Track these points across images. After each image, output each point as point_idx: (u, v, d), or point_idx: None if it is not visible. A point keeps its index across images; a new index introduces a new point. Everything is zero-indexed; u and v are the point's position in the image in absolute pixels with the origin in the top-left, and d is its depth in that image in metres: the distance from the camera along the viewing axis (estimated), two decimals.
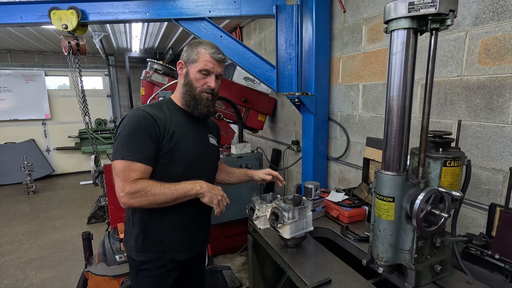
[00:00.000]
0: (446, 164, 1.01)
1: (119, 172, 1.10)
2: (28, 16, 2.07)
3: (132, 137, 1.11)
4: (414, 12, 0.85)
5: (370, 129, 2.01)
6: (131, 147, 1.10)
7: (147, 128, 1.13)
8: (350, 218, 1.55)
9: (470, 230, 1.41)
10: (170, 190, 1.11)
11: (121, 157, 1.10)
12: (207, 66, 1.21)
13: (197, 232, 1.35)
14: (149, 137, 1.13)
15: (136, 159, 1.10)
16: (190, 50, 1.23)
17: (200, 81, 1.22)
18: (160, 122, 1.17)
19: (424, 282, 1.03)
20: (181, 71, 1.26)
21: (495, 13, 1.25)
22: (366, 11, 1.93)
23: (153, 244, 1.24)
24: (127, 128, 1.13)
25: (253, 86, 3.20)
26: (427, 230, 0.95)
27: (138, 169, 1.11)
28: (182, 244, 1.29)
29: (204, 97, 1.24)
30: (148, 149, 1.13)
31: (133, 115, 1.15)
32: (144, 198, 1.09)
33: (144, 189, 1.08)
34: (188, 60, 1.23)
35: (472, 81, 1.36)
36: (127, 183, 1.08)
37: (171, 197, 1.12)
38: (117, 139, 1.14)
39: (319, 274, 1.12)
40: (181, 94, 1.27)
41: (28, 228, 3.85)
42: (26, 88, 5.98)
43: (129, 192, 1.08)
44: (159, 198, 1.11)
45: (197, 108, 1.25)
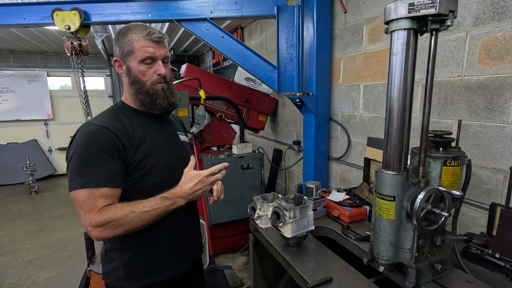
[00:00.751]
0: (446, 163, 1.02)
1: (81, 203, 0.93)
2: (31, 17, 2.09)
3: (88, 160, 0.94)
4: (414, 12, 0.86)
5: (371, 129, 2.01)
6: (90, 171, 0.93)
7: (104, 144, 0.95)
8: (351, 218, 1.55)
9: (471, 229, 1.42)
10: (147, 212, 0.96)
11: (80, 186, 0.93)
12: (147, 52, 1.02)
13: (190, 237, 1.23)
14: (109, 155, 0.95)
15: (100, 184, 0.93)
16: (121, 41, 1.04)
17: (146, 72, 1.04)
18: (121, 133, 1.00)
19: (425, 281, 1.03)
20: (121, 70, 1.08)
21: (496, 14, 1.26)
22: (367, 11, 1.94)
23: (148, 266, 1.09)
24: (81, 149, 0.95)
25: (254, 87, 3.21)
26: (428, 229, 0.96)
27: (104, 194, 0.94)
28: (180, 255, 1.17)
29: (159, 89, 1.07)
30: (111, 169, 0.96)
31: (85, 133, 0.97)
32: (119, 228, 0.94)
33: (115, 218, 0.93)
34: (123, 54, 1.04)
35: (473, 81, 1.36)
36: (93, 214, 0.93)
37: (149, 219, 0.97)
38: (70, 164, 0.96)
39: (320, 273, 1.12)
40: (132, 95, 1.08)
41: (31, 228, 3.87)
42: (28, 88, 6.01)
43: (98, 225, 0.93)
44: (136, 223, 0.96)
45: (155, 104, 1.08)
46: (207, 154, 2.84)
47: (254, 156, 2.84)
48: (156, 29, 1.06)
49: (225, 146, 3.14)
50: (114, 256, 1.09)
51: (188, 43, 5.24)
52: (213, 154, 2.84)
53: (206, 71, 3.45)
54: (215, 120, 3.00)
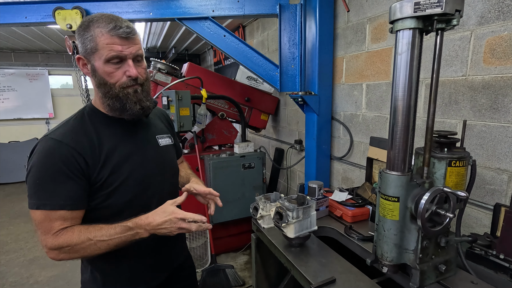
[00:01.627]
0: (451, 164, 1.01)
1: (37, 223, 0.87)
2: (33, 16, 2.08)
3: (43, 180, 0.85)
4: (420, 12, 0.85)
5: (373, 129, 2.00)
6: (46, 193, 0.85)
7: (63, 164, 0.85)
8: (354, 218, 1.55)
9: (475, 230, 1.41)
10: (105, 241, 0.86)
11: (35, 207, 0.85)
12: (113, 50, 0.87)
13: (169, 250, 1.13)
14: (68, 176, 0.86)
15: (56, 207, 0.85)
16: (82, 37, 0.88)
17: (114, 74, 0.89)
18: (84, 150, 0.89)
19: (429, 282, 1.03)
20: (86, 69, 0.93)
21: (501, 13, 1.24)
22: (370, 10, 1.93)
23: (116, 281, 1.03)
24: (36, 168, 0.85)
25: (256, 86, 3.20)
26: (432, 230, 0.96)
27: (61, 217, 0.86)
28: (156, 269, 1.09)
29: (130, 92, 0.92)
30: (69, 192, 0.86)
31: (42, 150, 0.86)
32: (74, 253, 0.87)
33: (70, 243, 0.85)
34: (87, 52, 0.89)
35: (477, 81, 1.35)
36: (49, 237, 0.86)
37: (107, 248, 0.88)
38: (27, 181, 0.87)
39: (323, 273, 1.12)
40: (101, 98, 0.95)
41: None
42: (29, 87, 6.02)
43: (53, 248, 0.86)
44: (93, 251, 0.87)
45: (125, 109, 0.93)
46: (209, 153, 2.83)
47: (256, 155, 2.84)
48: (125, 21, 0.90)
49: (226, 145, 3.14)
50: (87, 267, 1.05)
51: (189, 42, 5.23)
52: (214, 153, 2.84)
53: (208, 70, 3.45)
54: (217, 119, 3.00)
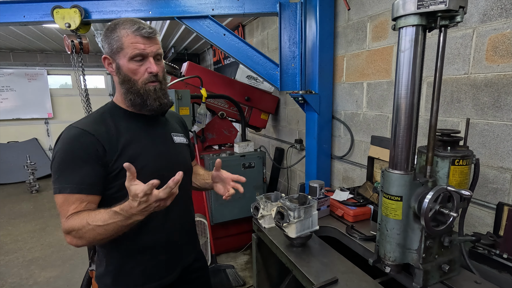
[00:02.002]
0: (454, 162, 1.00)
1: (58, 207, 0.93)
2: (31, 15, 2.07)
3: (66, 165, 0.92)
4: (423, 8, 0.84)
5: (374, 128, 1.99)
6: (66, 177, 0.92)
7: (84, 150, 0.93)
8: (355, 217, 1.54)
9: (477, 229, 1.40)
10: (101, 227, 0.87)
11: (58, 191, 0.92)
12: (137, 48, 0.96)
13: (180, 247, 1.15)
14: (86, 161, 0.92)
15: (74, 190, 0.91)
16: (109, 38, 0.98)
17: (137, 71, 0.98)
18: (103, 138, 0.96)
19: (432, 282, 1.02)
20: (111, 68, 1.02)
21: (504, 10, 1.23)
22: (370, 8, 1.92)
23: (132, 277, 1.05)
24: (59, 154, 0.93)
25: (256, 85, 3.19)
26: (436, 230, 0.95)
27: (77, 200, 0.92)
28: (168, 266, 1.11)
29: (151, 89, 1.00)
30: (86, 176, 0.92)
31: (65, 137, 0.95)
32: (80, 239, 0.90)
33: (75, 228, 0.88)
34: (112, 51, 0.99)
35: (480, 79, 1.34)
36: (64, 221, 0.91)
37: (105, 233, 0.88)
38: (52, 168, 0.95)
39: (325, 274, 1.11)
40: (122, 94, 1.03)
41: (32, 227, 3.87)
42: (28, 87, 6.00)
43: (66, 232, 0.90)
44: (94, 236, 0.88)
45: (145, 105, 1.01)
46: (209, 153, 2.82)
47: (256, 155, 2.82)
48: (146, 23, 0.99)
49: (226, 145, 3.13)
50: (102, 261, 1.07)
51: (188, 41, 5.21)
52: (214, 152, 2.83)
53: (208, 69, 3.43)
54: (217, 119, 2.98)
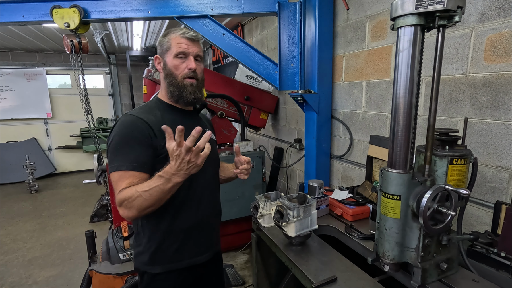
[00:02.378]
0: (452, 162, 1.00)
1: (114, 184, 1.04)
2: (30, 15, 2.06)
3: (122, 146, 1.05)
4: (422, 8, 0.85)
5: (373, 127, 2.00)
6: (122, 156, 1.04)
7: (137, 133, 1.06)
8: (354, 216, 1.54)
9: (475, 228, 1.41)
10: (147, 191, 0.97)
11: (115, 169, 1.04)
12: (181, 47, 1.14)
13: (210, 231, 1.29)
14: (140, 143, 1.06)
15: (129, 168, 1.03)
16: (162, 42, 1.19)
17: (179, 66, 1.15)
18: (154, 124, 1.09)
19: (430, 280, 1.02)
20: (160, 65, 1.20)
21: (502, 10, 1.24)
22: (369, 8, 1.92)
23: (168, 254, 1.17)
24: (117, 137, 1.07)
25: (255, 84, 3.19)
26: (434, 228, 0.95)
27: (131, 177, 1.03)
28: (199, 246, 1.23)
29: (188, 83, 1.16)
30: (140, 156, 1.05)
31: (122, 122, 1.09)
32: (131, 209, 1.00)
33: (126, 197, 0.99)
34: (163, 52, 1.18)
35: (478, 79, 1.35)
36: (118, 194, 1.02)
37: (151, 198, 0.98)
38: (108, 150, 1.08)
39: (324, 272, 1.12)
40: (166, 89, 1.20)
41: (31, 227, 3.87)
42: (27, 87, 5.98)
43: (118, 204, 1.01)
44: (142, 203, 0.98)
45: (181, 96, 1.17)
46: None
47: (256, 154, 2.83)
48: (192, 29, 1.17)
49: (226, 144, 3.13)
50: (141, 241, 1.19)
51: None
52: None
53: (207, 68, 3.43)
54: (216, 118, 2.98)
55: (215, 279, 1.40)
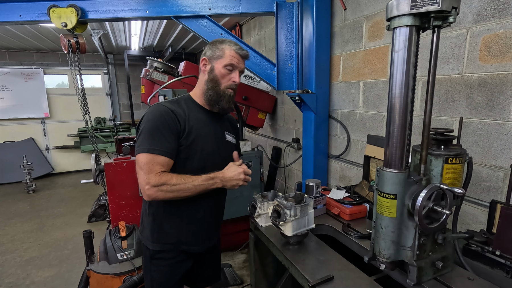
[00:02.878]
0: (447, 161, 1.01)
1: (143, 165, 1.11)
2: (27, 14, 2.06)
3: (156, 131, 1.14)
4: (417, 9, 0.86)
5: (370, 127, 2.01)
6: (155, 141, 1.13)
7: (169, 122, 1.16)
8: (351, 216, 1.55)
9: (471, 226, 1.42)
10: (194, 185, 1.14)
11: (146, 151, 1.12)
12: (232, 61, 1.24)
13: (209, 226, 1.37)
14: (171, 132, 1.16)
15: (162, 153, 1.13)
16: (214, 47, 1.26)
17: (225, 76, 1.25)
18: (180, 118, 1.19)
19: (426, 279, 1.03)
20: (205, 68, 1.27)
21: (497, 10, 1.25)
22: (367, 8, 1.93)
23: (167, 236, 1.28)
24: (151, 123, 1.16)
25: (253, 84, 3.20)
26: (429, 227, 0.96)
27: (162, 162, 1.13)
28: (195, 238, 1.32)
29: (228, 93, 1.27)
30: (171, 143, 1.15)
31: (155, 110, 1.18)
32: (170, 193, 1.12)
33: (169, 182, 1.11)
34: (213, 57, 1.25)
35: (473, 79, 1.36)
36: (152, 176, 1.10)
37: (194, 191, 1.15)
38: (140, 134, 1.17)
39: (321, 271, 1.12)
40: (203, 90, 1.28)
41: (29, 227, 3.85)
42: (25, 86, 5.95)
43: (155, 185, 1.10)
44: (184, 193, 1.14)
45: (219, 103, 1.27)
46: None
47: (254, 154, 2.83)
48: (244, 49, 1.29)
49: None
50: (147, 218, 1.31)
51: (185, 41, 5.20)
52: None
53: None
54: None
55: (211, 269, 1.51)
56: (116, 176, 2.35)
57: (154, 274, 1.32)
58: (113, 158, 2.43)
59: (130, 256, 2.03)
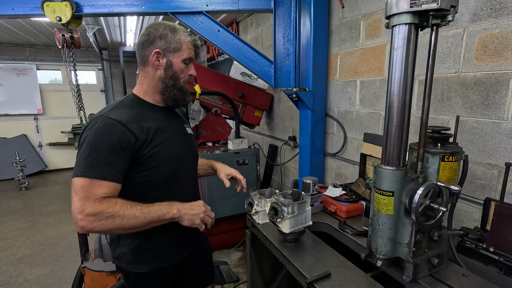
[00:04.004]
0: (444, 159, 1.02)
1: (78, 189, 0.92)
2: (20, 8, 2.01)
3: (96, 151, 0.95)
4: (416, 7, 0.86)
5: (367, 125, 2.02)
6: (94, 161, 0.95)
7: (115, 139, 0.97)
8: (348, 213, 1.56)
9: (465, 224, 1.44)
10: (143, 213, 0.96)
11: (80, 174, 0.93)
12: (191, 53, 1.14)
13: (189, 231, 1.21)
14: (119, 151, 0.97)
15: (100, 176, 0.94)
16: (167, 37, 1.09)
17: (184, 71, 1.14)
18: (134, 128, 1.02)
19: (422, 275, 1.05)
20: (158, 62, 1.10)
21: (493, 10, 1.26)
22: (364, 6, 1.93)
23: (153, 253, 1.16)
24: (91, 139, 0.96)
25: (250, 82, 3.19)
26: (426, 224, 0.97)
27: (105, 186, 0.95)
28: (182, 243, 1.24)
29: (187, 88, 1.18)
30: (116, 164, 0.97)
31: (99, 126, 0.98)
32: (109, 222, 0.92)
33: (110, 211, 0.92)
34: (168, 49, 1.09)
35: (469, 78, 1.37)
36: (89, 203, 0.91)
37: (143, 221, 0.96)
38: (79, 152, 0.98)
39: (318, 268, 1.13)
40: (157, 88, 1.13)
41: (21, 225, 3.80)
42: (17, 82, 5.85)
43: (91, 214, 0.90)
44: (128, 222, 0.94)
45: (184, 100, 1.18)
46: (203, 149, 2.81)
47: (250, 152, 2.83)
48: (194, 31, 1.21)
49: (220, 142, 3.12)
50: (123, 243, 1.15)
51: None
52: (208, 149, 2.82)
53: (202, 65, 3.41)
54: (211, 115, 2.97)
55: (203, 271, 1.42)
56: None
57: None
58: None
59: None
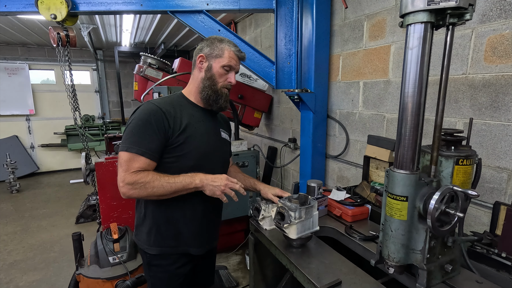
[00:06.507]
0: (458, 162, 0.99)
1: (122, 162, 1.12)
2: (14, 5, 1.94)
3: (138, 131, 1.13)
4: (434, 5, 0.83)
5: (370, 127, 1.99)
6: (136, 140, 1.12)
7: (155, 122, 1.14)
8: (354, 217, 1.53)
9: (473, 228, 1.41)
10: (169, 183, 1.12)
11: (125, 149, 1.12)
12: (231, 62, 1.25)
13: (209, 226, 1.36)
14: (155, 132, 1.14)
15: (139, 152, 1.12)
16: (213, 45, 1.26)
17: (222, 76, 1.25)
18: (170, 117, 1.18)
19: (435, 282, 1.01)
20: (201, 65, 1.26)
21: (503, 11, 1.24)
22: (368, 7, 1.91)
23: (166, 238, 1.25)
24: (135, 121, 1.15)
25: (250, 83, 3.15)
26: (441, 230, 0.94)
27: (141, 161, 1.12)
28: (196, 238, 1.30)
29: (225, 92, 1.28)
30: (152, 144, 1.13)
31: (143, 109, 1.17)
32: (143, 190, 1.11)
33: (143, 181, 1.10)
34: (211, 55, 1.25)
35: (478, 79, 1.35)
36: (128, 174, 1.11)
37: (169, 190, 1.13)
38: (125, 131, 1.17)
39: (327, 275, 1.09)
40: (199, 88, 1.27)
41: (12, 229, 3.68)
42: (8, 82, 5.71)
43: (129, 183, 1.10)
44: (158, 190, 1.12)
45: (217, 102, 1.27)
46: None
47: (250, 154, 2.78)
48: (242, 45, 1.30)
49: None
50: (145, 223, 1.27)
51: (178, 38, 5.09)
52: None
53: None
54: None
55: (208, 274, 1.51)
56: (107, 175, 2.26)
57: (153, 281, 1.29)
58: (105, 157, 2.33)
59: (123, 259, 1.95)
